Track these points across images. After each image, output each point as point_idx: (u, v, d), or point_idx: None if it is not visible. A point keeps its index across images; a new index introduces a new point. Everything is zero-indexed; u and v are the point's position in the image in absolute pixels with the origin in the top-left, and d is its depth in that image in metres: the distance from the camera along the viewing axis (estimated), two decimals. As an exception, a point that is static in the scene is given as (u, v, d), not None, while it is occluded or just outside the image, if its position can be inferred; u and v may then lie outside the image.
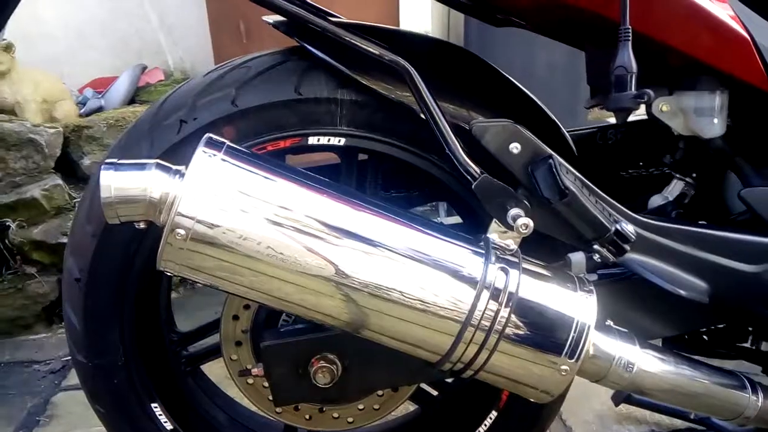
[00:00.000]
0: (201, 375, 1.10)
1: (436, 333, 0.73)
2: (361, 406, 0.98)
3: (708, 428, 1.35)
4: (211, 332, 1.09)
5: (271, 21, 0.89)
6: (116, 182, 0.69)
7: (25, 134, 1.86)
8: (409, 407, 1.16)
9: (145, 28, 2.75)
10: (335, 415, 0.99)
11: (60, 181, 1.91)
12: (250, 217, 0.69)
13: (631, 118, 0.93)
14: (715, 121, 0.83)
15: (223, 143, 0.71)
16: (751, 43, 0.77)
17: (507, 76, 0.91)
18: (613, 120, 0.94)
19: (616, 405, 1.42)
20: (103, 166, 0.70)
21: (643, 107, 0.85)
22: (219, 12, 2.37)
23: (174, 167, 0.71)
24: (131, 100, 2.48)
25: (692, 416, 1.35)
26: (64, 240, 1.89)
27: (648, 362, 0.80)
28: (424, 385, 1.05)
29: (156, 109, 0.90)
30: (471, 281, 0.72)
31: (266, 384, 0.95)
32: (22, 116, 2.07)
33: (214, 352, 1.05)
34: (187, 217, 0.68)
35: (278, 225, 0.70)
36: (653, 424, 1.43)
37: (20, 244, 1.88)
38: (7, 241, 1.88)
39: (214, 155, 0.70)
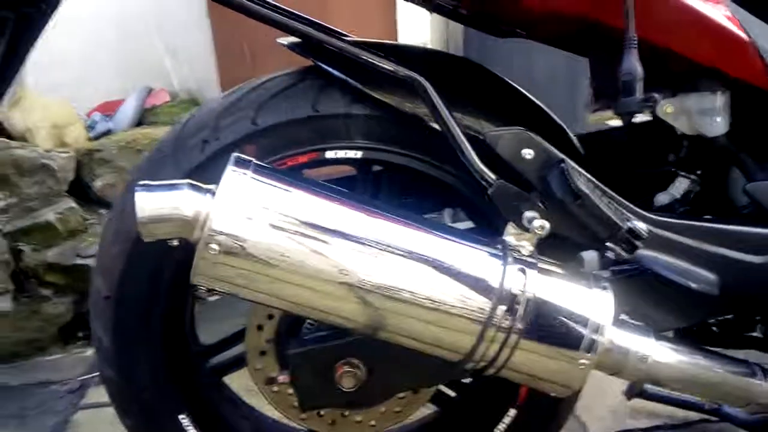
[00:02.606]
0: (224, 386, 1.12)
1: (459, 333, 0.76)
2: (382, 410, 1.01)
3: (721, 418, 1.37)
4: (233, 344, 1.12)
5: (285, 42, 0.93)
6: (150, 203, 0.72)
7: (38, 160, 1.90)
8: (425, 411, 1.18)
9: (151, 51, 2.80)
10: (358, 419, 1.01)
11: (73, 204, 1.95)
12: (278, 230, 0.72)
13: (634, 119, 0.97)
14: (718, 120, 0.87)
15: (250, 161, 0.75)
16: (750, 44, 0.81)
17: (514, 85, 0.95)
18: (613, 123, 0.97)
19: (629, 399, 1.44)
20: (136, 188, 0.73)
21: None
22: (224, 35, 2.43)
23: (205, 186, 0.74)
24: (139, 122, 2.53)
25: (706, 407, 1.37)
26: (79, 261, 1.93)
27: (663, 354, 0.83)
28: (442, 387, 1.08)
29: (178, 130, 0.94)
30: (491, 282, 0.76)
31: (290, 391, 0.98)
32: (33, 142, 2.10)
33: (236, 364, 1.09)
34: (219, 233, 0.71)
35: (305, 237, 0.73)
36: (666, 417, 1.46)
37: (35, 267, 1.91)
38: (21, 265, 1.91)
39: (243, 173, 0.73)
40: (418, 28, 2.52)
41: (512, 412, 1.03)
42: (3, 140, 1.92)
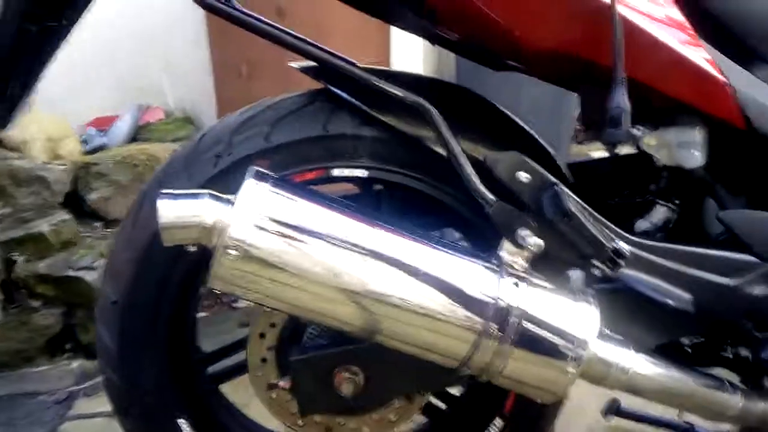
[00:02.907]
0: (221, 394, 1.16)
1: (456, 341, 0.82)
2: (377, 417, 1.05)
3: (693, 437, 1.43)
4: (232, 353, 1.17)
5: (297, 66, 1.00)
6: (172, 210, 0.77)
7: (35, 171, 1.93)
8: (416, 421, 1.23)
9: (147, 69, 2.85)
10: (353, 426, 1.06)
11: (67, 216, 1.98)
12: (291, 239, 0.78)
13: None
14: (696, 153, 0.94)
15: (268, 174, 0.81)
16: (725, 85, 0.88)
17: (511, 115, 1.02)
18: (594, 154, 1.04)
19: (606, 417, 1.50)
20: (160, 195, 0.78)
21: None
22: (222, 55, 2.49)
23: (224, 196, 0.80)
24: (133, 138, 2.57)
25: (679, 425, 1.43)
26: (70, 273, 1.96)
27: (642, 366, 0.90)
28: (432, 399, 1.13)
29: (193, 145, 0.99)
30: (487, 294, 0.82)
31: (288, 398, 1.03)
32: (28, 154, 2.13)
33: (235, 371, 1.13)
34: (237, 240, 0.77)
35: (315, 246, 0.79)
36: (641, 436, 1.52)
37: (26, 277, 1.93)
38: (13, 275, 1.93)
39: (261, 185, 0.79)
40: (412, 57, 2.61)
41: (499, 422, 1.09)
42: (0, 150, 1.95)
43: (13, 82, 0.97)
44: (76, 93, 2.70)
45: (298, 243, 0.78)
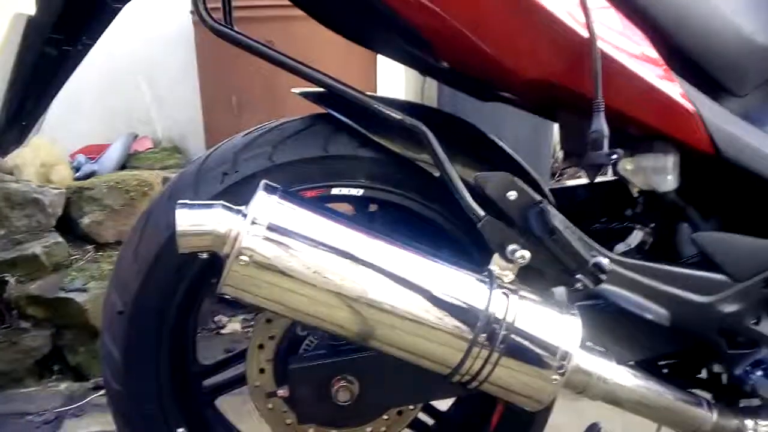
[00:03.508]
0: (215, 407, 1.20)
1: (449, 349, 0.87)
2: (369, 429, 1.10)
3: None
4: (229, 366, 1.21)
5: (298, 92, 1.06)
6: (189, 218, 0.83)
7: (30, 194, 1.98)
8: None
9: (137, 100, 2.91)
10: (347, 438, 1.10)
11: (60, 239, 2.01)
12: (298, 248, 0.84)
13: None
14: (669, 177, 1.01)
15: (277, 188, 0.86)
16: (695, 114, 0.96)
17: (498, 141, 1.09)
18: (570, 183, 1.11)
19: (586, 443, 1.55)
20: (177, 205, 0.84)
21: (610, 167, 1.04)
22: (211, 86, 2.55)
23: (236, 207, 0.85)
24: (122, 166, 2.62)
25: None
26: (62, 295, 1.99)
27: (622, 377, 0.95)
28: (421, 415, 1.18)
29: (199, 164, 1.04)
30: (479, 305, 0.87)
31: (284, 409, 1.07)
32: (20, 178, 2.18)
33: (231, 384, 1.17)
34: (247, 248, 0.82)
35: (320, 255, 0.84)
36: (619, 460, 1.56)
37: (17, 298, 1.95)
38: (4, 296, 1.95)
39: (271, 197, 0.84)
40: (396, 86, 2.71)
41: (485, 437, 1.14)
42: (-2, 173, 1.99)
43: (28, 103, 1.02)
44: (67, 121, 2.75)
45: (303, 252, 0.83)
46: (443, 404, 1.19)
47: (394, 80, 2.68)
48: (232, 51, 1.01)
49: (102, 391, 1.90)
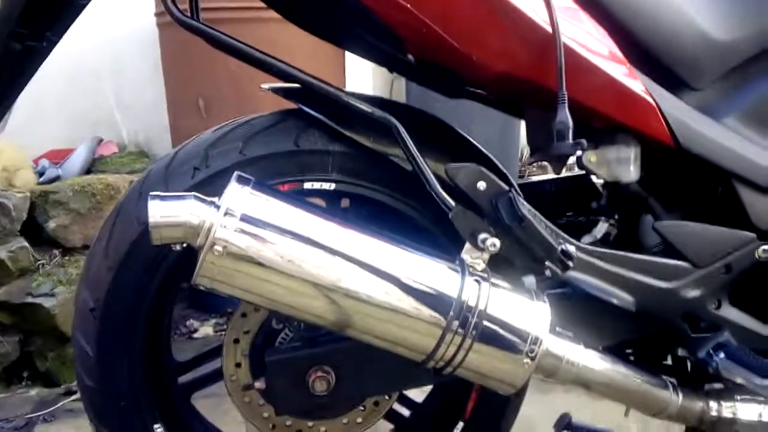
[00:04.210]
0: (191, 404, 1.20)
1: (423, 336, 0.89)
2: (345, 420, 1.11)
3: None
4: (204, 362, 1.21)
5: (267, 87, 1.07)
6: (161, 210, 0.83)
7: (-6, 198, 1.94)
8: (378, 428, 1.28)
9: (101, 103, 2.89)
10: (323, 429, 1.11)
11: (26, 244, 1.99)
12: (272, 238, 0.85)
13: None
14: (631, 169, 1.04)
15: (250, 179, 0.87)
16: (657, 108, 1.00)
17: (466, 135, 1.11)
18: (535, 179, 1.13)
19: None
20: (150, 197, 0.84)
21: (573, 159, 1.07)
22: (177, 88, 2.53)
23: (209, 198, 0.86)
24: (87, 171, 2.59)
25: None
26: (29, 300, 1.96)
27: (591, 360, 0.98)
28: (396, 405, 1.19)
29: (169, 159, 1.05)
30: (451, 293, 0.89)
31: (261, 402, 1.08)
32: (-18, 183, 2.14)
33: (208, 380, 1.18)
34: (221, 239, 0.83)
35: (293, 245, 0.86)
36: (591, 450, 1.60)
37: (-18, 305, 1.92)
38: (-31, 303, 1.92)
39: (244, 188, 0.85)
40: (364, 86, 2.73)
41: (460, 425, 1.16)
42: (-42, 178, 1.95)
43: (-9, 100, 1.02)
44: (30, 125, 2.71)
45: (277, 242, 0.85)
46: (418, 395, 1.21)
47: (362, 80, 2.71)
48: (198, 52, 1.02)
49: (73, 397, 1.89)
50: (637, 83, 1.00)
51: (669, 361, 1.20)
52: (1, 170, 2.26)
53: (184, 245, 0.86)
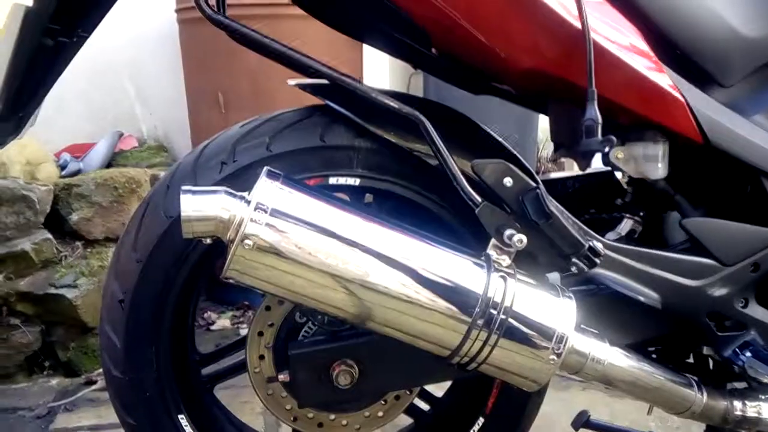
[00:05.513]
0: (214, 395, 1.21)
1: (448, 331, 0.89)
2: (367, 414, 1.11)
3: (658, 446, 1.52)
4: (227, 355, 1.22)
5: (294, 83, 1.07)
6: (193, 204, 0.84)
7: (19, 191, 1.97)
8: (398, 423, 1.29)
9: (121, 98, 2.90)
10: (344, 422, 1.11)
11: (49, 236, 2.01)
12: (301, 232, 0.85)
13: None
14: (659, 165, 1.04)
15: (280, 174, 0.88)
16: (684, 103, 0.99)
17: (491, 132, 1.11)
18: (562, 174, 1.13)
19: (576, 429, 1.58)
20: (182, 191, 0.85)
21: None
22: (197, 84, 2.54)
23: (239, 193, 0.86)
24: (108, 165, 2.61)
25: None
26: (51, 291, 1.98)
27: (616, 358, 0.98)
28: (416, 400, 1.20)
29: (197, 154, 1.05)
30: (477, 289, 0.89)
31: (284, 394, 1.08)
32: (7, 176, 2.16)
33: (231, 372, 1.19)
34: (252, 234, 0.83)
35: (322, 239, 0.86)
36: (608, 446, 1.59)
37: (6, 295, 1.95)
38: (-7, 293, 1.94)
39: (274, 183, 0.86)
40: (382, 80, 2.72)
41: (481, 420, 1.16)
42: (-17, 171, 1.98)
43: (25, 94, 1.03)
44: (52, 119, 2.73)
45: (306, 236, 0.85)
46: (439, 390, 1.21)
47: (380, 74, 2.70)
48: (218, 48, 1.03)
49: (94, 386, 1.91)
50: (665, 79, 0.99)
51: (691, 359, 1.20)
52: (24, 164, 2.28)
53: (215, 239, 0.86)
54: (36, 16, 0.95)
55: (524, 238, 0.91)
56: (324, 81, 1.00)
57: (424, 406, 1.25)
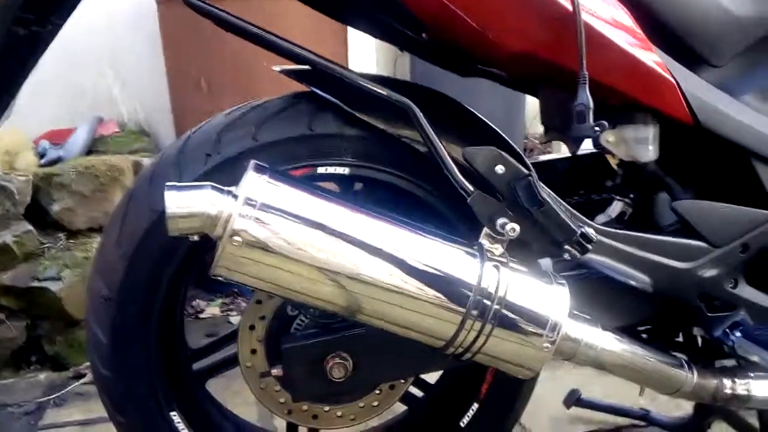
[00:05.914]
0: (206, 390, 1.20)
1: (442, 322, 0.89)
2: (361, 404, 1.11)
3: (648, 423, 1.54)
4: (219, 349, 1.21)
5: (278, 69, 1.05)
6: (179, 201, 0.82)
7: (-3, 182, 1.93)
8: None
9: (100, 82, 2.84)
10: (339, 413, 1.11)
11: (31, 228, 1.97)
12: (291, 227, 0.83)
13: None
14: (650, 148, 1.03)
15: (267, 168, 0.86)
16: (675, 85, 0.98)
17: (482, 117, 1.09)
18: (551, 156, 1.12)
19: (568, 408, 1.60)
20: (167, 187, 0.83)
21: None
22: (177, 65, 2.49)
23: (225, 188, 0.84)
24: (89, 151, 2.56)
25: (635, 413, 1.54)
26: (35, 284, 1.95)
27: (608, 343, 0.98)
28: (411, 388, 1.19)
29: (181, 145, 1.03)
30: (471, 278, 0.88)
31: (277, 388, 1.07)
32: (-16, 167, 2.12)
33: (222, 366, 1.17)
34: (240, 229, 0.81)
35: (311, 233, 0.84)
36: (600, 423, 1.62)
37: (-12, 289, 1.92)
38: (-26, 288, 1.91)
39: (262, 177, 0.84)
40: (368, 63, 2.69)
41: (475, 406, 1.16)
42: (-41, 163, 1.93)
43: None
44: (28, 106, 2.67)
45: (296, 230, 0.83)
46: (432, 377, 1.21)
47: (365, 57, 2.66)
48: (199, 30, 0.99)
49: (83, 380, 1.89)
50: (656, 60, 0.98)
51: (680, 338, 1.20)
52: (2, 154, 2.23)
53: (202, 235, 0.84)
54: (6, 5, 0.92)
55: (517, 227, 0.90)
56: (309, 67, 0.98)
57: (418, 392, 1.25)
